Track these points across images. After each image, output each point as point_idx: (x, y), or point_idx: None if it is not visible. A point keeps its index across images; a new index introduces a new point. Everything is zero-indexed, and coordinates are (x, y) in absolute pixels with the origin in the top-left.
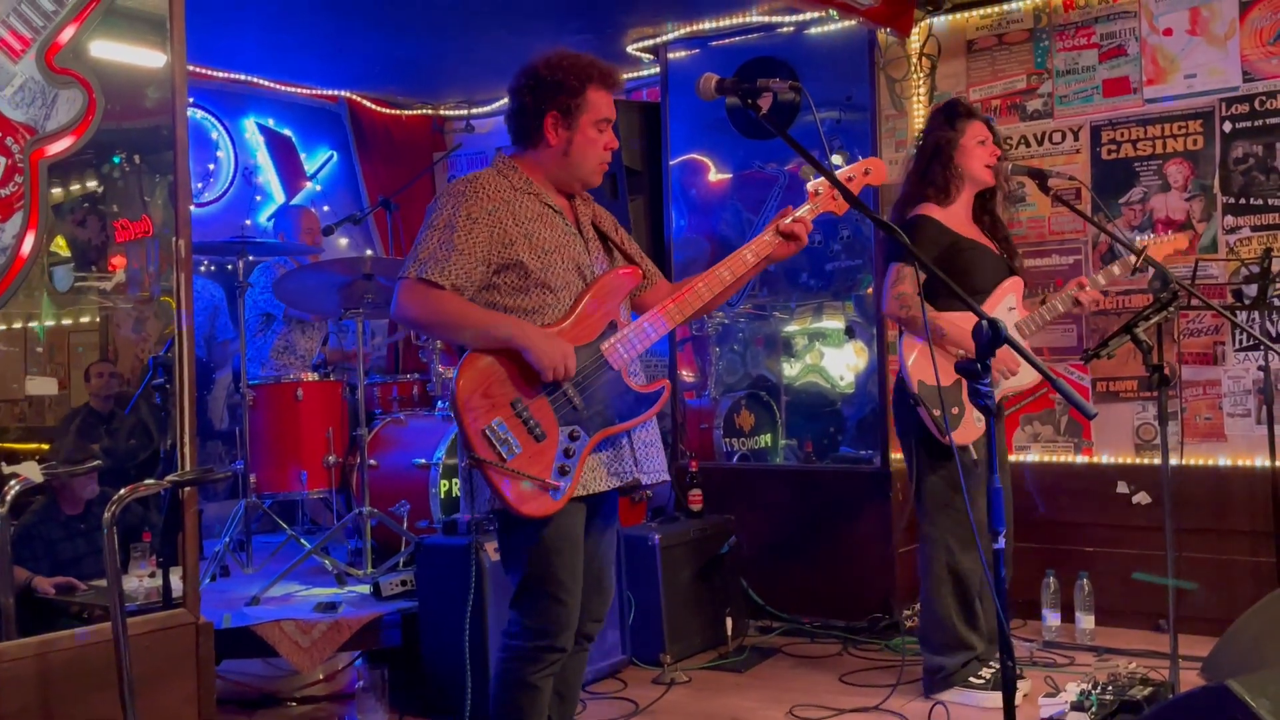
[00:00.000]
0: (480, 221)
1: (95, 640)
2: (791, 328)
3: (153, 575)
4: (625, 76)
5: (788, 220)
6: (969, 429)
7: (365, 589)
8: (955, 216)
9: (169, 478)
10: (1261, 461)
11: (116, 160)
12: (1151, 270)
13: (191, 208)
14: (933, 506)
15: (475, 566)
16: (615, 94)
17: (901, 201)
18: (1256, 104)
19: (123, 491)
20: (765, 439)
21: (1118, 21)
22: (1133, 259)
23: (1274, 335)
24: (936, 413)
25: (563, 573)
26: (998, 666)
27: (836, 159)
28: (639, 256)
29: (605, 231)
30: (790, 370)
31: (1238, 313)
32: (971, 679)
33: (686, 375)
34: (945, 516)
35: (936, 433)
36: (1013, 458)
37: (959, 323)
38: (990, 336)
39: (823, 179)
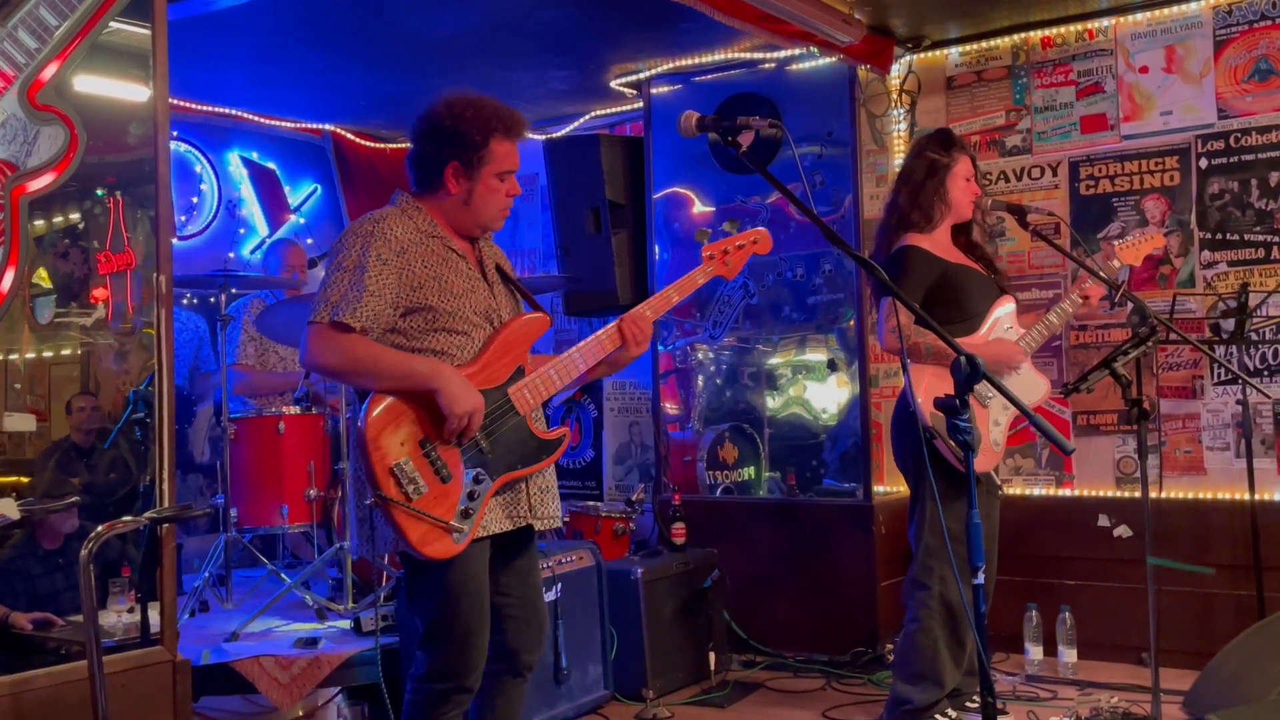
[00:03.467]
0: (390, 263)
1: (71, 679)
2: (774, 360)
3: (131, 611)
4: (609, 111)
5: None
6: (987, 455)
7: (346, 624)
8: (939, 243)
9: (147, 514)
10: (1241, 495)
11: (100, 194)
12: (1131, 305)
13: (175, 240)
14: (935, 537)
15: None
16: (520, 141)
17: (886, 229)
18: (1232, 140)
19: (100, 529)
20: (749, 472)
21: (1094, 59)
22: (1116, 264)
23: (1251, 370)
24: (953, 443)
25: (470, 615)
26: (971, 707)
27: (726, 227)
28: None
29: (507, 273)
30: (774, 403)
31: (1215, 347)
32: (938, 717)
33: (670, 408)
34: (942, 545)
35: (956, 463)
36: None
37: (962, 346)
38: (969, 373)
39: (717, 241)
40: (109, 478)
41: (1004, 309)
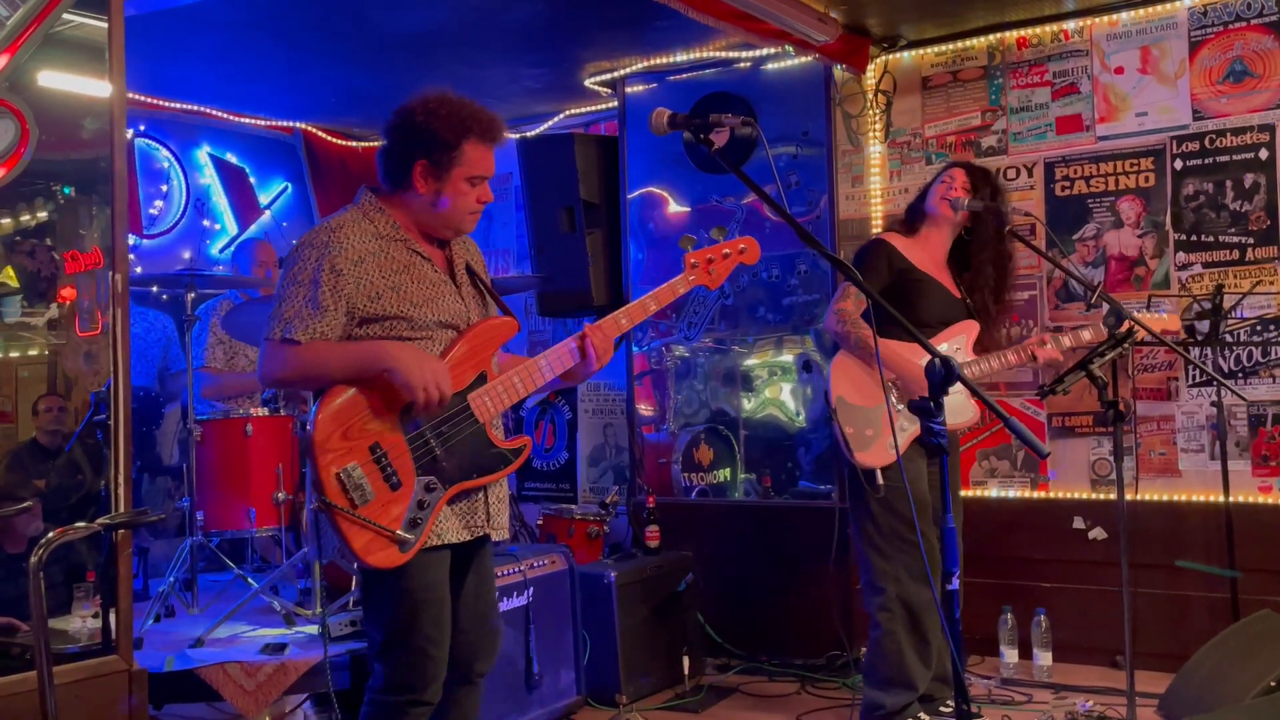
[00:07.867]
0: (345, 274)
1: (22, 689)
2: (750, 361)
3: (96, 616)
4: (584, 110)
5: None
6: (879, 453)
7: (314, 629)
8: (917, 249)
9: (100, 520)
10: (1215, 497)
11: (67, 191)
12: (1106, 306)
13: (142, 239)
14: (882, 538)
15: None
16: (497, 146)
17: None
18: (1206, 142)
19: (51, 535)
20: (724, 474)
21: (1070, 60)
22: (1103, 328)
23: (1226, 371)
24: (849, 430)
25: (429, 626)
26: (945, 711)
27: (715, 234)
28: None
29: (478, 274)
30: (749, 404)
31: (1190, 349)
32: None
33: (645, 409)
34: (892, 546)
35: (844, 449)
36: (969, 493)
37: (898, 350)
38: (943, 374)
39: (702, 250)
40: (75, 479)
41: (960, 332)
